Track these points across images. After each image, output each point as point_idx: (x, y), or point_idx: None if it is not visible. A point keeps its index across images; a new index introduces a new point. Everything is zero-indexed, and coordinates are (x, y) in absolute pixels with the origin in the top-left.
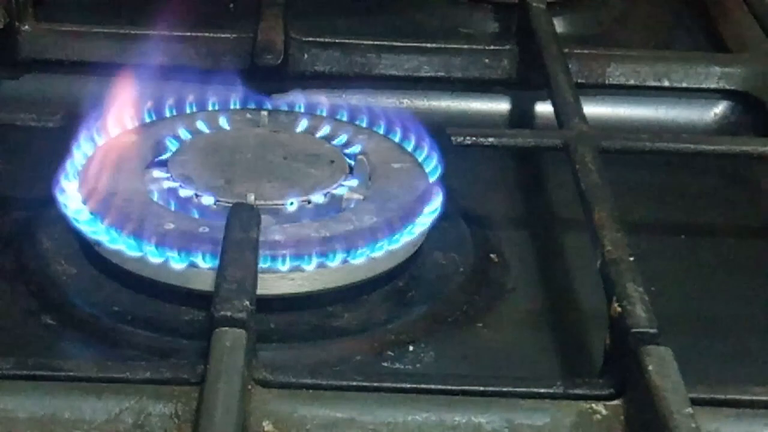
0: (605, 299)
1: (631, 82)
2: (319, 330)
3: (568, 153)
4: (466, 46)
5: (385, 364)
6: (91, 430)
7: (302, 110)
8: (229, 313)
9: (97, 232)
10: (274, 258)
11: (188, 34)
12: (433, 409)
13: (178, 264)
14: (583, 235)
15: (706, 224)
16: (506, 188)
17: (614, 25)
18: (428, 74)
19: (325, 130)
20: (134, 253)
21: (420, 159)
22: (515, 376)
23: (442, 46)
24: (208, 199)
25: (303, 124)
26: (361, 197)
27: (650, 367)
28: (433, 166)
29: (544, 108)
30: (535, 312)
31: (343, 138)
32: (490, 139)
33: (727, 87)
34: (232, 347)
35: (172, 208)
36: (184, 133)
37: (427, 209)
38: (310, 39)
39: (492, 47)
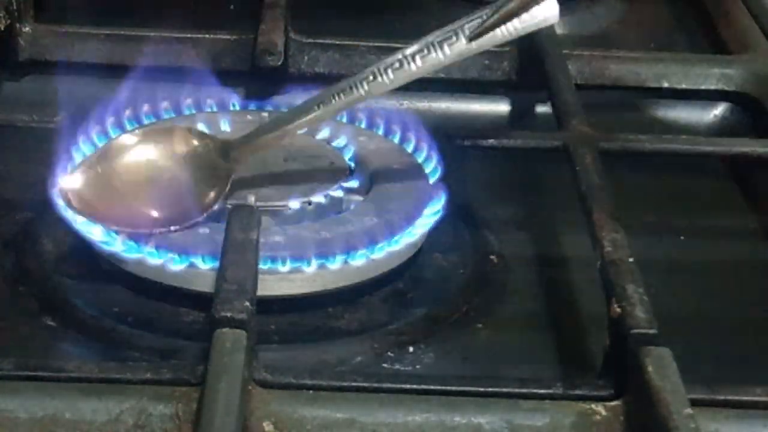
0: (605, 300)
1: (631, 83)
2: (320, 331)
3: (567, 154)
4: None
5: (385, 365)
6: (91, 431)
7: None
8: (229, 314)
9: (97, 233)
10: (274, 259)
11: (188, 35)
12: (433, 409)
13: (178, 265)
14: (582, 236)
15: (706, 225)
16: (506, 189)
17: (614, 26)
18: (428, 76)
19: (325, 131)
20: (134, 255)
21: (420, 160)
22: (515, 376)
23: None
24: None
25: None
26: (361, 198)
27: (650, 368)
28: (433, 167)
29: (543, 109)
30: (534, 313)
31: (343, 139)
32: (490, 141)
33: (727, 88)
34: (232, 348)
35: None
36: None
37: (428, 211)
38: (311, 40)
39: (491, 48)
